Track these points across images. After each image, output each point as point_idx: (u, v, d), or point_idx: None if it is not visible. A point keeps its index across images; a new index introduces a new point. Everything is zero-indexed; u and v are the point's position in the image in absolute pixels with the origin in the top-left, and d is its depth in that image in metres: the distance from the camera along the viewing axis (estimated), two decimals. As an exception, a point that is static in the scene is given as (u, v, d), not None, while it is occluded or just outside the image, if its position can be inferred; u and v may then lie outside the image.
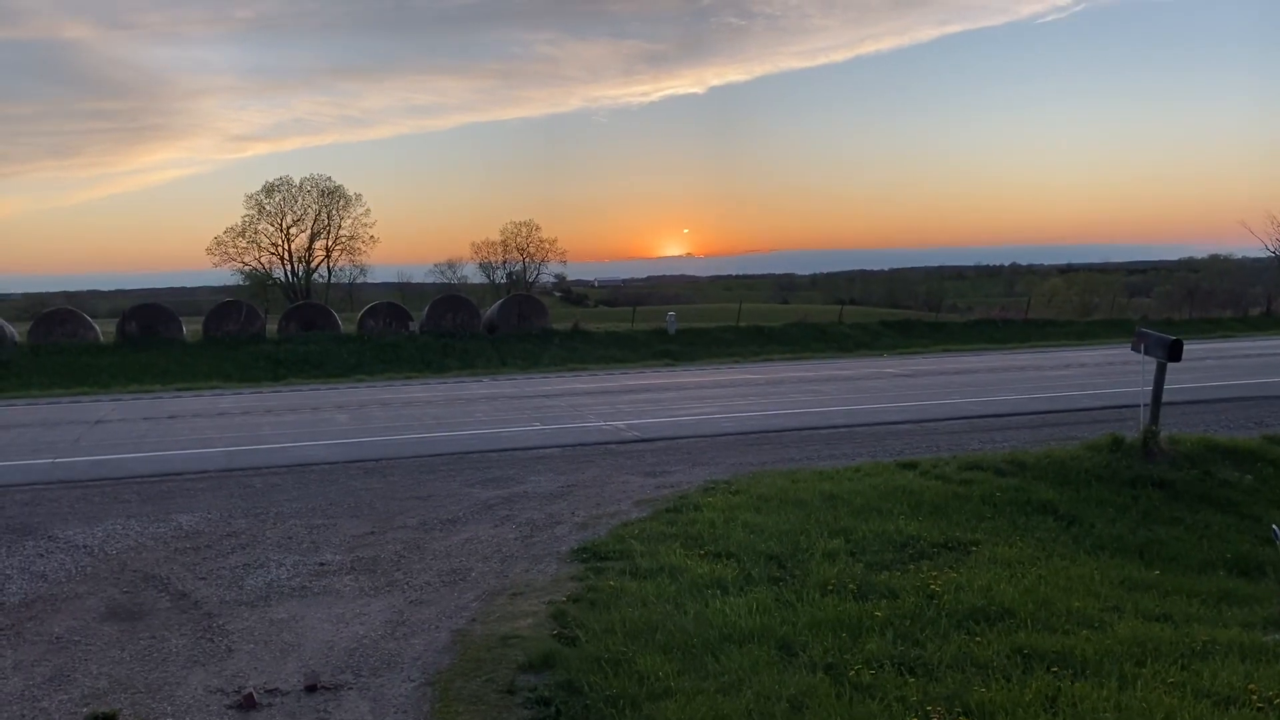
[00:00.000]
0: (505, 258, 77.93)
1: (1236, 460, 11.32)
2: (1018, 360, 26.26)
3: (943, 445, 12.93)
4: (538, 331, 34.00)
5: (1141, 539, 8.81)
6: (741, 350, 32.09)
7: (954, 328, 38.59)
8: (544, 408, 18.09)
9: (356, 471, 12.21)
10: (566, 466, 12.16)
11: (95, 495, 11.15)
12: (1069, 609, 6.46)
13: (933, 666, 5.47)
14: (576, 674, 5.48)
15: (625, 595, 6.78)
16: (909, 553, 7.83)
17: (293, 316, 34.46)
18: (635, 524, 8.94)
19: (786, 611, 6.38)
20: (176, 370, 27.70)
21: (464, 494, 10.69)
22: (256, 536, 9.12)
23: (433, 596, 7.25)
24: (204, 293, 75.56)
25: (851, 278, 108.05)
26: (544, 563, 7.98)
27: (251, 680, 5.73)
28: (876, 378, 22.33)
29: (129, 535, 9.25)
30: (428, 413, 17.90)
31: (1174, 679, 5.25)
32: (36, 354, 29.29)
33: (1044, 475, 10.46)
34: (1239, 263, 66.79)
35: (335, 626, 6.66)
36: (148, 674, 5.89)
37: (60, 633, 6.69)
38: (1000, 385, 19.98)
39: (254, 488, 11.35)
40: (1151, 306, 53.16)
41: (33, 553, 8.73)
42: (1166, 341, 11.14)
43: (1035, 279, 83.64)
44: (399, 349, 30.98)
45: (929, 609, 6.40)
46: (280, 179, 67.19)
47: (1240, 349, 28.12)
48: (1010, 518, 9.09)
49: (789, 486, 10.02)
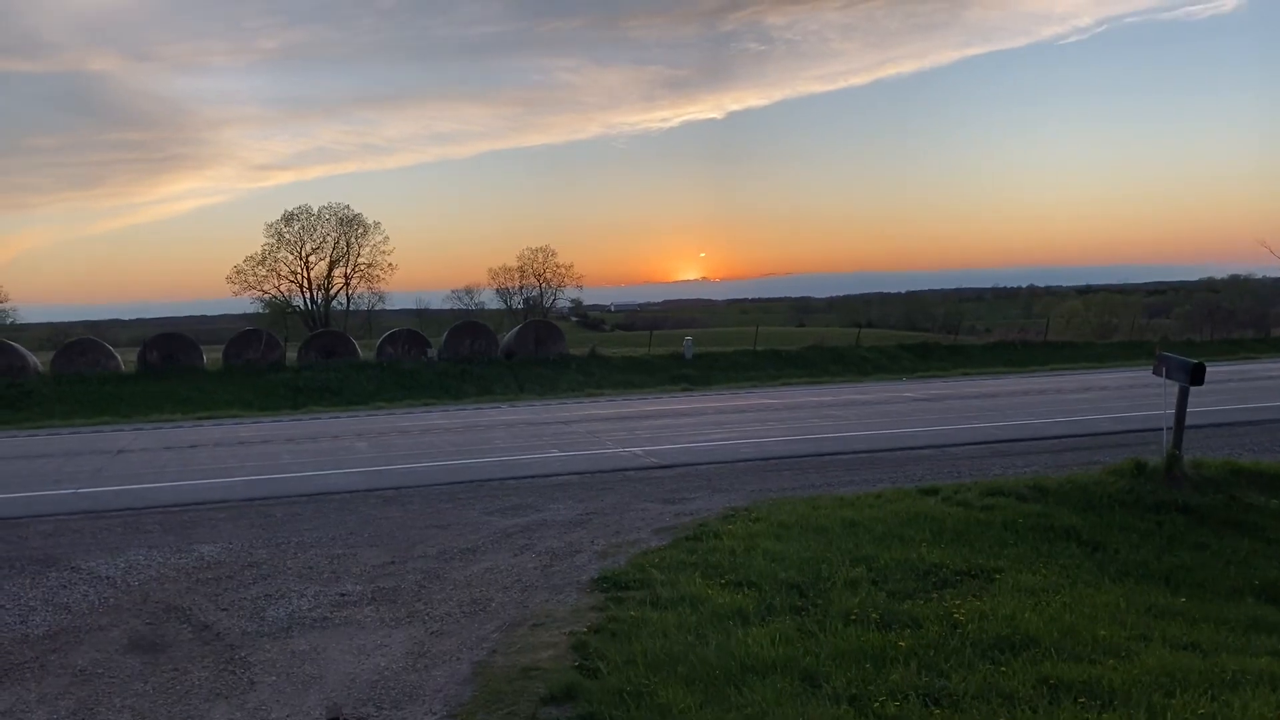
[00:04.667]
0: (522, 283, 78.26)
1: (1262, 484, 11.20)
2: (1037, 383, 26.10)
3: (964, 470, 12.86)
4: (555, 357, 34.06)
5: (1167, 565, 8.72)
6: (759, 374, 32.03)
7: (972, 350, 38.41)
8: (562, 434, 18.10)
9: (376, 500, 12.24)
10: (585, 494, 12.15)
11: (117, 525, 11.22)
12: (1095, 637, 6.39)
13: (958, 697, 5.42)
14: (598, 706, 5.46)
15: (646, 626, 6.75)
16: (932, 581, 7.78)
17: (312, 344, 34.65)
18: (655, 553, 8.91)
19: (809, 642, 6.34)
20: (197, 399, 27.88)
21: (483, 522, 10.70)
22: (278, 567, 9.14)
23: (453, 627, 7.24)
24: (224, 321, 76.09)
25: (869, 300, 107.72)
26: (564, 593, 7.96)
27: (274, 714, 5.73)
28: (895, 401, 22.24)
29: (151, 566, 9.29)
30: (446, 440, 17.94)
31: (1204, 710, 5.18)
32: (59, 383, 29.54)
33: (1066, 500, 10.37)
34: (1260, 283, 66.39)
35: (357, 658, 6.66)
36: (170, 708, 5.90)
37: (84, 665, 6.72)
38: (1020, 409, 19.86)
39: (275, 517, 11.39)
40: (1171, 328, 52.77)
41: (56, 584, 8.79)
42: (1188, 365, 11.06)
43: (1054, 300, 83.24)
44: (418, 376, 31.10)
45: (953, 638, 6.35)
46: (300, 208, 67.87)
47: (1263, 371, 27.86)
48: (1033, 544, 9.01)
49: (810, 513, 9.97)
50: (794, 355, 35.85)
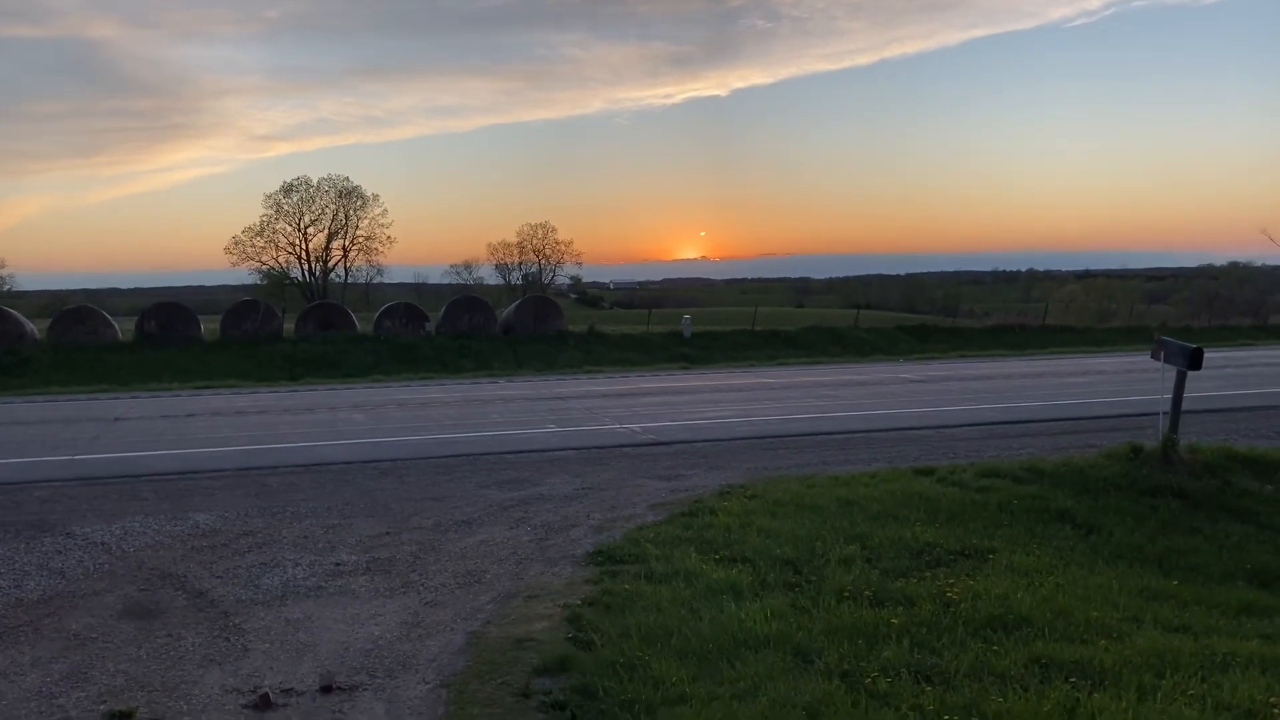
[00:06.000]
0: (521, 259, 78.17)
1: (1257, 470, 11.22)
2: (1035, 366, 26.12)
3: (960, 452, 12.87)
4: (553, 333, 34.03)
5: (1160, 548, 8.74)
6: (757, 354, 32.03)
7: (971, 333, 38.41)
8: (559, 410, 18.10)
9: (372, 472, 12.25)
10: (582, 469, 12.16)
11: (113, 493, 11.22)
12: (1087, 619, 6.42)
13: (950, 675, 5.44)
14: (592, 678, 5.47)
15: (641, 599, 6.77)
16: (925, 560, 7.80)
17: (310, 316, 34.59)
18: (651, 528, 8.93)
19: (802, 618, 6.36)
20: (195, 369, 27.85)
21: (479, 495, 10.71)
22: (273, 536, 9.15)
23: (448, 598, 7.26)
24: (222, 292, 76.04)
25: (868, 282, 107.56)
26: (559, 565, 7.98)
27: (267, 680, 5.75)
28: (893, 383, 22.25)
29: (146, 533, 9.30)
30: (444, 414, 17.94)
31: (1194, 691, 5.21)
32: (56, 351, 29.51)
33: (1062, 483, 10.39)
34: (1259, 270, 66.13)
35: (351, 627, 6.67)
36: (164, 672, 5.92)
37: (78, 630, 6.73)
38: (1017, 392, 19.87)
39: (270, 487, 11.39)
40: (1170, 314, 52.75)
41: (51, 549, 8.79)
42: (1187, 350, 11.05)
43: (1053, 285, 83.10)
44: (416, 349, 31.06)
45: (945, 617, 6.37)
46: (298, 179, 67.72)
47: (1260, 358, 27.89)
48: (1028, 526, 9.03)
49: (805, 492, 9.99)
50: (793, 335, 35.83)
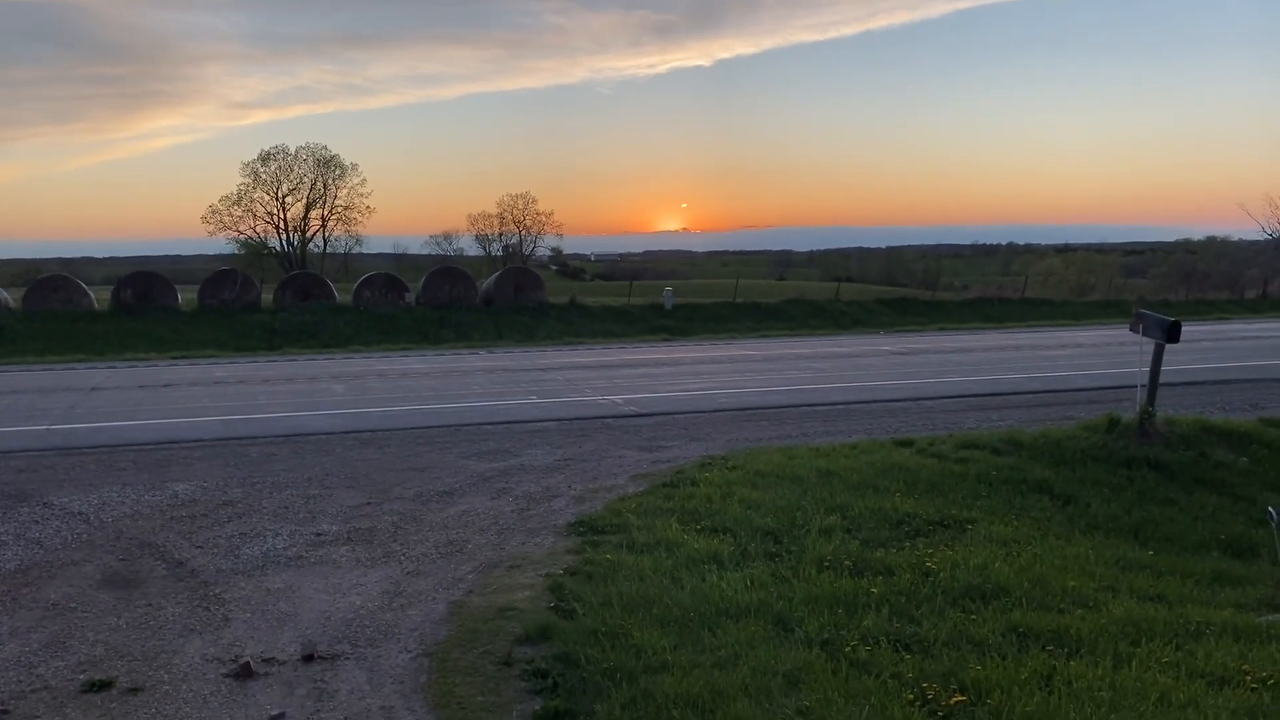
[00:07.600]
0: (502, 230, 77.53)
1: (1231, 442, 11.35)
2: (1014, 340, 26.26)
3: (939, 423, 12.95)
4: (534, 305, 33.91)
5: (1136, 519, 8.85)
6: (738, 326, 32.05)
7: (950, 306, 38.55)
8: (540, 381, 18.07)
9: (353, 442, 12.20)
10: (563, 440, 12.15)
11: (90, 463, 11.13)
12: (1064, 588, 6.49)
13: (928, 643, 5.49)
14: (573, 646, 5.50)
15: (622, 569, 6.79)
16: (905, 530, 7.85)
17: (288, 286, 34.32)
18: (632, 498, 8.95)
19: (783, 587, 6.40)
20: (172, 338, 27.61)
21: (460, 466, 10.69)
22: (253, 506, 9.11)
23: (429, 568, 7.26)
24: (199, 261, 75.04)
25: (849, 255, 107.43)
26: (541, 535, 7.98)
27: (248, 649, 5.73)
28: (873, 355, 22.33)
29: (125, 503, 9.24)
30: (424, 385, 17.87)
31: (1168, 659, 5.28)
32: (31, 320, 29.17)
33: (1040, 455, 10.48)
34: (1236, 245, 66.53)
35: (332, 597, 6.66)
36: (144, 642, 5.90)
37: (56, 599, 6.69)
38: (997, 364, 19.98)
39: (250, 457, 11.33)
40: (1148, 287, 53.11)
41: (28, 519, 8.72)
42: (1165, 323, 11.13)
43: (1032, 258, 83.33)
44: (395, 320, 30.89)
45: (924, 586, 6.42)
46: (276, 147, 66.55)
47: (1236, 331, 28.15)
48: (1006, 497, 9.11)
49: (785, 463, 10.03)
50: (773, 308, 35.85)
